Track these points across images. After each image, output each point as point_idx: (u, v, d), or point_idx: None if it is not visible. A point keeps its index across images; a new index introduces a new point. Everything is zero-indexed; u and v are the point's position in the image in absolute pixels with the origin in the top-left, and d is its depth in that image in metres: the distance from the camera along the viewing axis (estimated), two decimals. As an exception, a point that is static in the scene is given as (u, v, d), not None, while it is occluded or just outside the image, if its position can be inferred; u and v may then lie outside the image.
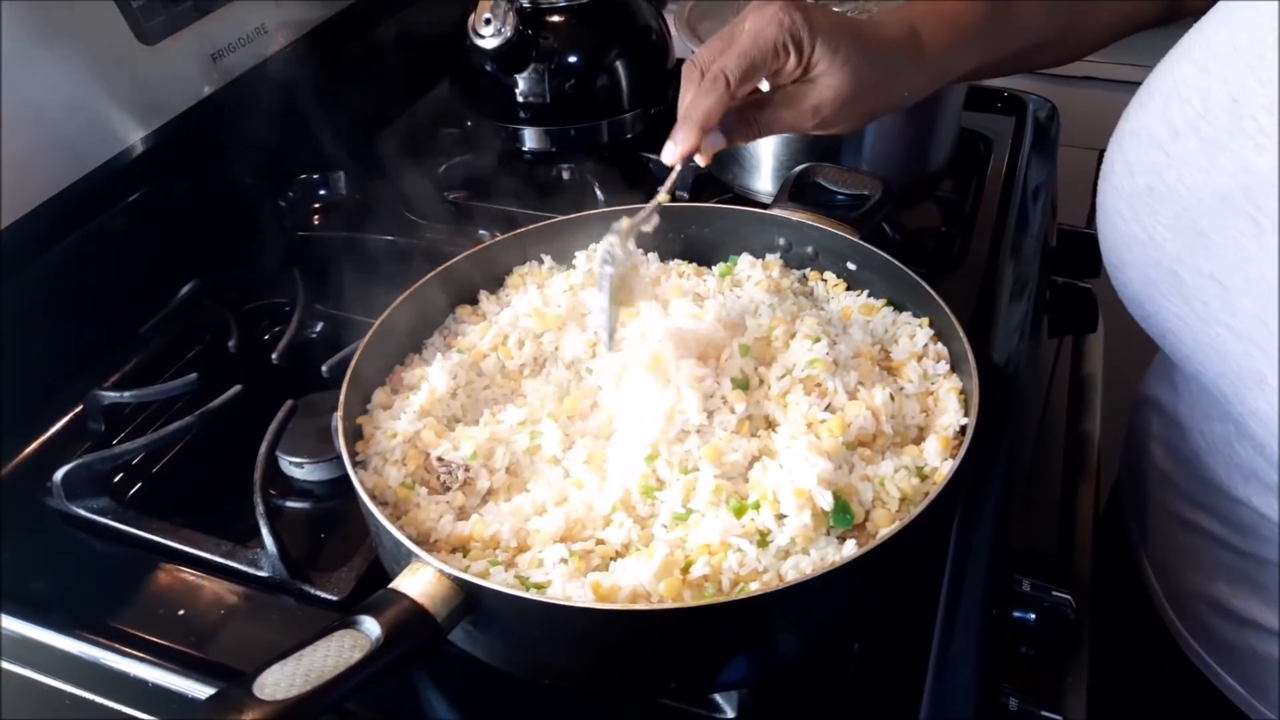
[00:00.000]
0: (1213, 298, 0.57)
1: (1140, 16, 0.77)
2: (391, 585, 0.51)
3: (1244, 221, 0.54)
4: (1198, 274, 0.57)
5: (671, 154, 0.64)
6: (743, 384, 0.62)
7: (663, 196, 0.66)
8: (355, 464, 0.60)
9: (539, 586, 0.52)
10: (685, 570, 0.53)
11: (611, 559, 0.55)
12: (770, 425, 0.62)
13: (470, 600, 0.50)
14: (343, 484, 0.72)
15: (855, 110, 0.66)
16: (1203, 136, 0.56)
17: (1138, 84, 1.48)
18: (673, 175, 0.66)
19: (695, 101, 0.63)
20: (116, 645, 0.61)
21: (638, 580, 0.51)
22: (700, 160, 0.65)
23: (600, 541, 0.56)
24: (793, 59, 0.63)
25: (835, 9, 0.85)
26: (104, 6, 0.79)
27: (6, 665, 0.63)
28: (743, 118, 0.66)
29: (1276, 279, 0.52)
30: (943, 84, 0.72)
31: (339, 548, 0.68)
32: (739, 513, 0.55)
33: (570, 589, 0.52)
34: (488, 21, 0.86)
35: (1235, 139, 0.54)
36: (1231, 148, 0.54)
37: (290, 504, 0.72)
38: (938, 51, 0.69)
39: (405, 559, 0.52)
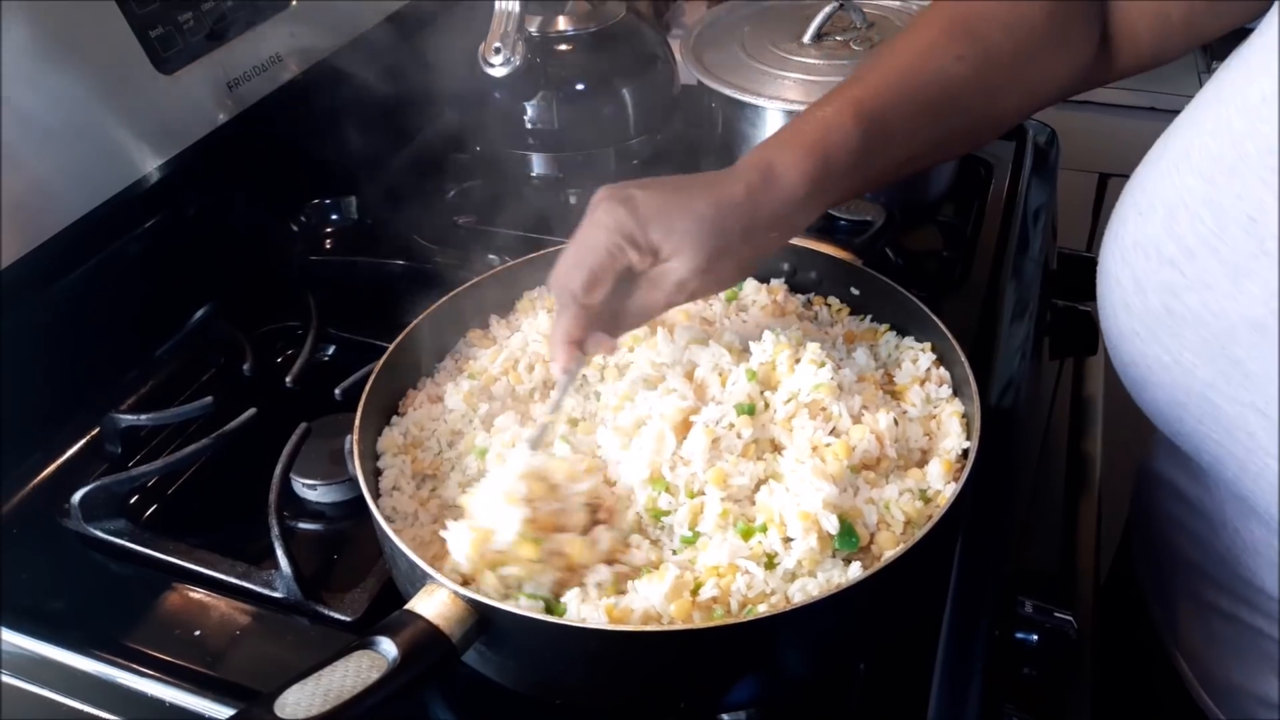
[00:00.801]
0: (1258, 429, 0.54)
1: (1050, 93, 0.70)
2: (407, 606, 0.52)
3: None
4: (1236, 403, 0.54)
5: (556, 371, 0.64)
6: (748, 409, 0.63)
7: (548, 416, 0.65)
8: (370, 487, 0.61)
9: (561, 609, 0.53)
10: (695, 592, 0.54)
11: (629, 579, 0.56)
12: (776, 449, 0.63)
13: (484, 621, 0.51)
14: (354, 506, 0.73)
15: (722, 271, 0.62)
16: (1222, 258, 0.53)
17: (1136, 108, 1.49)
18: (560, 389, 0.66)
19: (555, 323, 0.62)
20: (133, 665, 0.62)
21: (649, 602, 0.52)
22: (605, 355, 0.66)
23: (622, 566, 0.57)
24: (632, 254, 0.59)
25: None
26: (123, 37, 0.81)
27: (25, 685, 0.65)
28: (617, 313, 0.63)
29: None
30: (816, 215, 0.64)
31: (351, 569, 0.69)
32: (746, 535, 0.56)
33: (584, 611, 0.53)
34: (497, 50, 0.88)
35: (1259, 262, 0.51)
36: (1256, 271, 0.51)
37: (303, 525, 0.73)
38: (796, 186, 0.61)
39: (420, 581, 0.53)
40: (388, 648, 0.49)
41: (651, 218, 0.59)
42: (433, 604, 0.51)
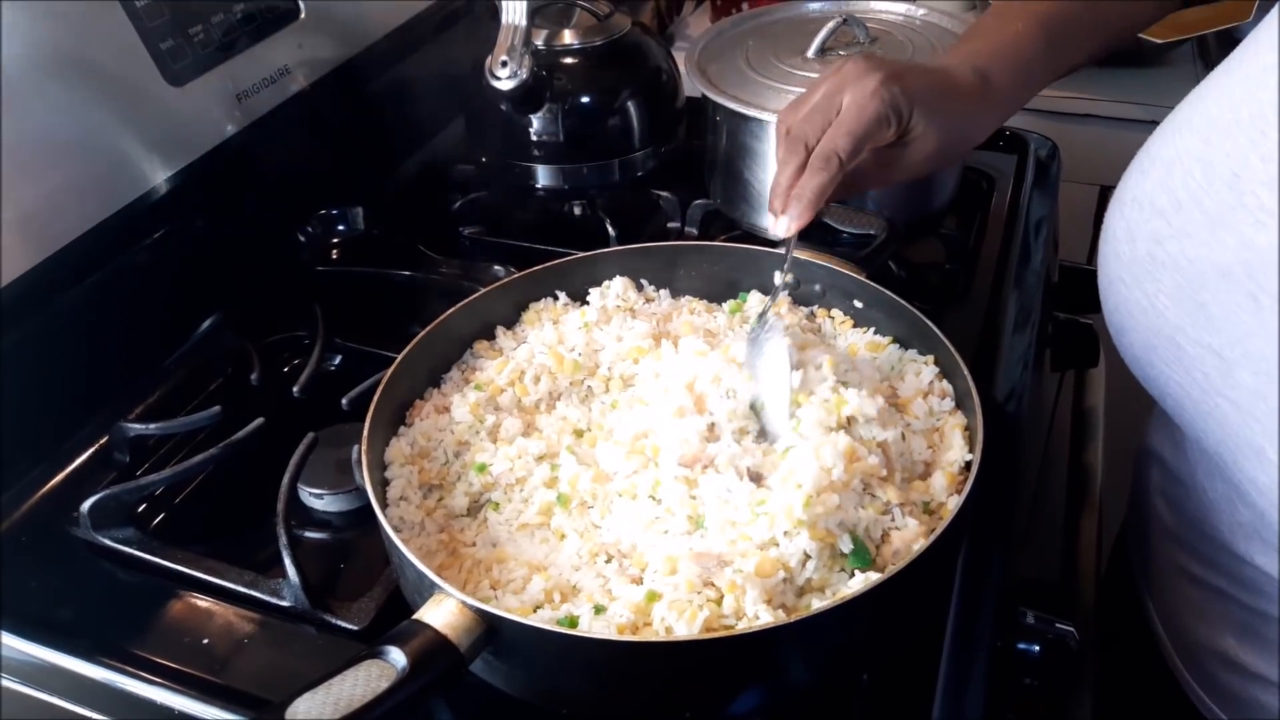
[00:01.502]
0: (1213, 369, 0.57)
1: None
2: (415, 616, 0.52)
3: (1244, 297, 0.54)
4: (1198, 345, 0.58)
5: (785, 228, 0.66)
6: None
7: (787, 277, 0.70)
8: (378, 497, 0.61)
9: (572, 622, 0.54)
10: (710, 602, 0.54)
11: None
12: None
13: (491, 631, 0.52)
14: (360, 515, 0.74)
15: (939, 161, 0.70)
16: (1204, 209, 0.57)
17: (1137, 121, 1.50)
18: (790, 249, 0.69)
19: (809, 180, 0.65)
20: (141, 673, 0.63)
21: (659, 614, 0.53)
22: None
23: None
24: (893, 129, 0.66)
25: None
26: (134, 49, 0.82)
27: (34, 692, 0.65)
28: (845, 181, 0.68)
29: (1275, 355, 0.53)
30: (1009, 117, 0.75)
31: (357, 578, 0.69)
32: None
33: (597, 625, 0.53)
34: (504, 64, 0.88)
35: (1236, 214, 0.55)
36: (1233, 223, 0.55)
37: (309, 534, 0.74)
38: (1004, 91, 0.72)
39: (428, 590, 0.54)
40: (397, 657, 0.49)
41: (919, 99, 0.66)
42: (441, 613, 0.52)
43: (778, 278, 0.72)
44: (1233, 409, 0.57)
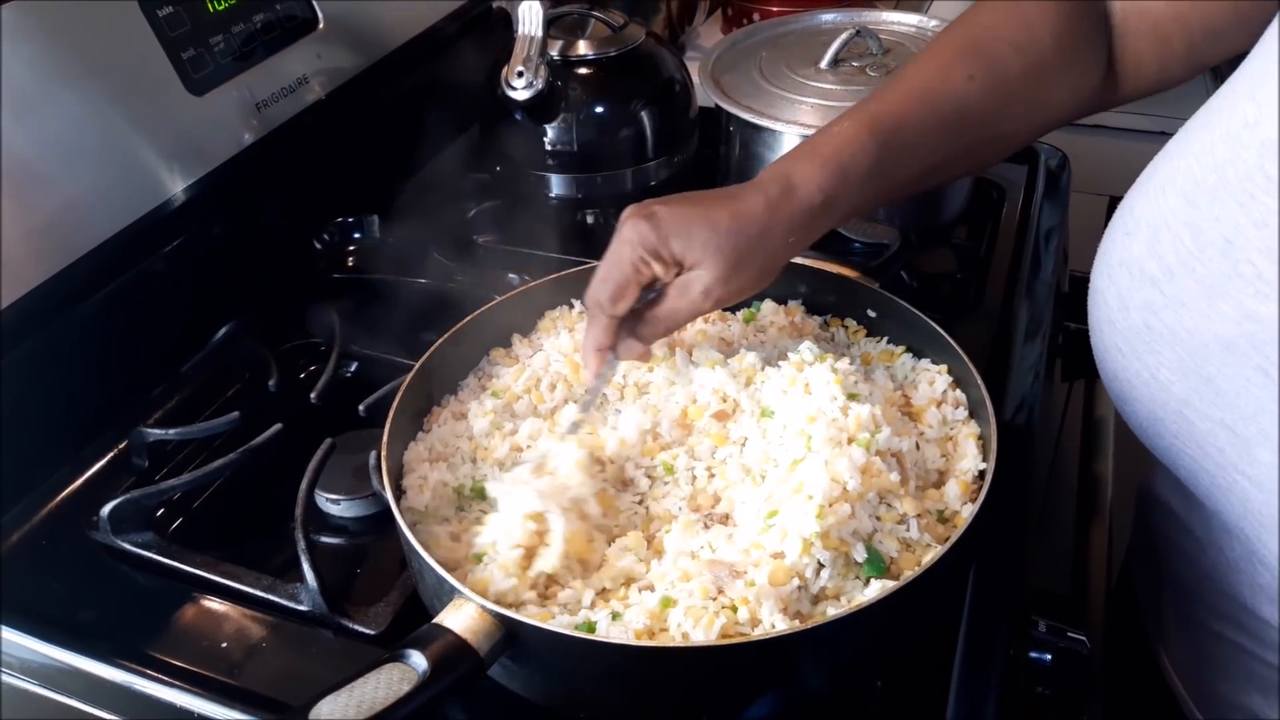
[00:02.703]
0: (1227, 445, 0.55)
1: (1061, 114, 0.72)
2: (435, 620, 0.53)
3: (1253, 371, 0.52)
4: (1208, 420, 0.56)
5: (588, 377, 0.69)
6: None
7: (579, 415, 0.69)
8: (397, 502, 0.62)
9: (590, 627, 0.54)
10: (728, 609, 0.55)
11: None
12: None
13: (510, 635, 0.53)
14: (377, 520, 0.75)
15: (744, 279, 0.65)
16: (1198, 278, 0.54)
17: (1146, 132, 1.50)
18: (591, 393, 0.70)
19: (586, 333, 0.67)
20: (160, 675, 0.63)
21: (675, 620, 0.53)
22: (639, 360, 0.70)
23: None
24: (657, 266, 0.64)
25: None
26: (156, 58, 0.83)
27: (54, 695, 0.66)
28: (646, 320, 0.67)
29: None
30: (831, 225, 0.67)
31: (374, 582, 0.70)
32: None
33: (614, 630, 0.54)
34: (520, 74, 0.90)
35: (1234, 283, 0.52)
36: (1230, 292, 0.52)
37: (325, 539, 0.74)
38: (812, 197, 0.64)
39: (448, 595, 0.54)
40: (418, 660, 0.50)
41: (673, 231, 0.63)
42: (461, 618, 0.52)
43: (574, 413, 0.70)
44: (1253, 487, 0.54)
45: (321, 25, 0.97)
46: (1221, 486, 0.57)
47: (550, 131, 0.98)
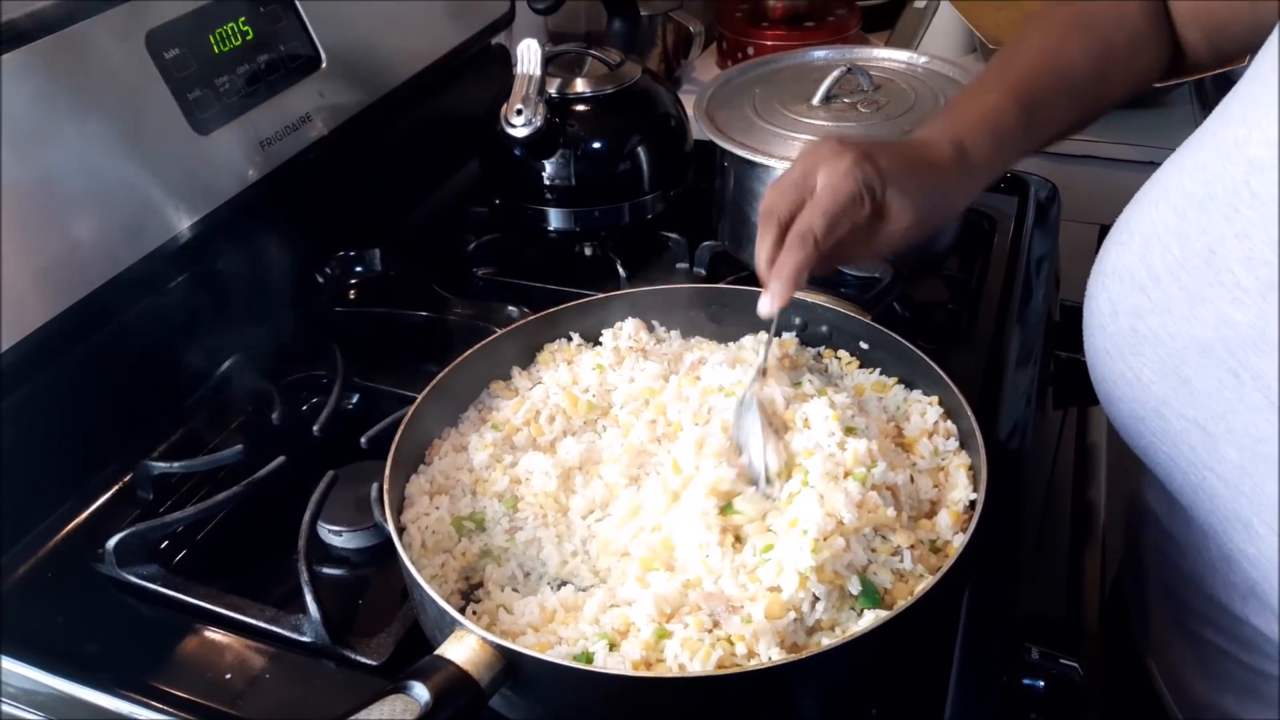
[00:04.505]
0: (1199, 443, 0.58)
1: (1145, 81, 0.80)
2: (437, 652, 0.54)
3: (1225, 374, 0.55)
4: (1183, 419, 0.59)
5: (767, 308, 0.66)
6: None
7: (773, 357, 0.71)
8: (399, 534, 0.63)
9: (588, 658, 0.55)
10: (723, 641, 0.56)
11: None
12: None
13: (511, 666, 0.54)
14: (378, 551, 0.75)
15: (918, 233, 0.70)
16: (1183, 285, 0.58)
17: (1135, 161, 1.52)
18: (772, 329, 0.70)
19: (785, 259, 0.65)
20: (165, 706, 0.64)
21: (672, 652, 0.54)
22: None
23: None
24: (868, 207, 0.66)
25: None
26: (163, 99, 0.85)
27: (61, 727, 0.67)
28: (826, 257, 0.68)
29: (1258, 432, 0.54)
30: (987, 186, 0.75)
31: (375, 614, 0.71)
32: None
33: (611, 661, 0.55)
34: (519, 111, 0.91)
35: (1214, 290, 0.56)
36: (1211, 299, 0.56)
37: (328, 570, 0.75)
38: (982, 161, 0.71)
39: (449, 627, 0.55)
40: (420, 691, 0.51)
41: (892, 179, 0.66)
42: (462, 649, 0.53)
43: (761, 353, 0.72)
44: (1220, 483, 0.58)
45: (324, 64, 0.99)
46: (1192, 483, 0.61)
47: (549, 167, 1.00)
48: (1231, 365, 0.55)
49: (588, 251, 1.08)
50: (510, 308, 0.94)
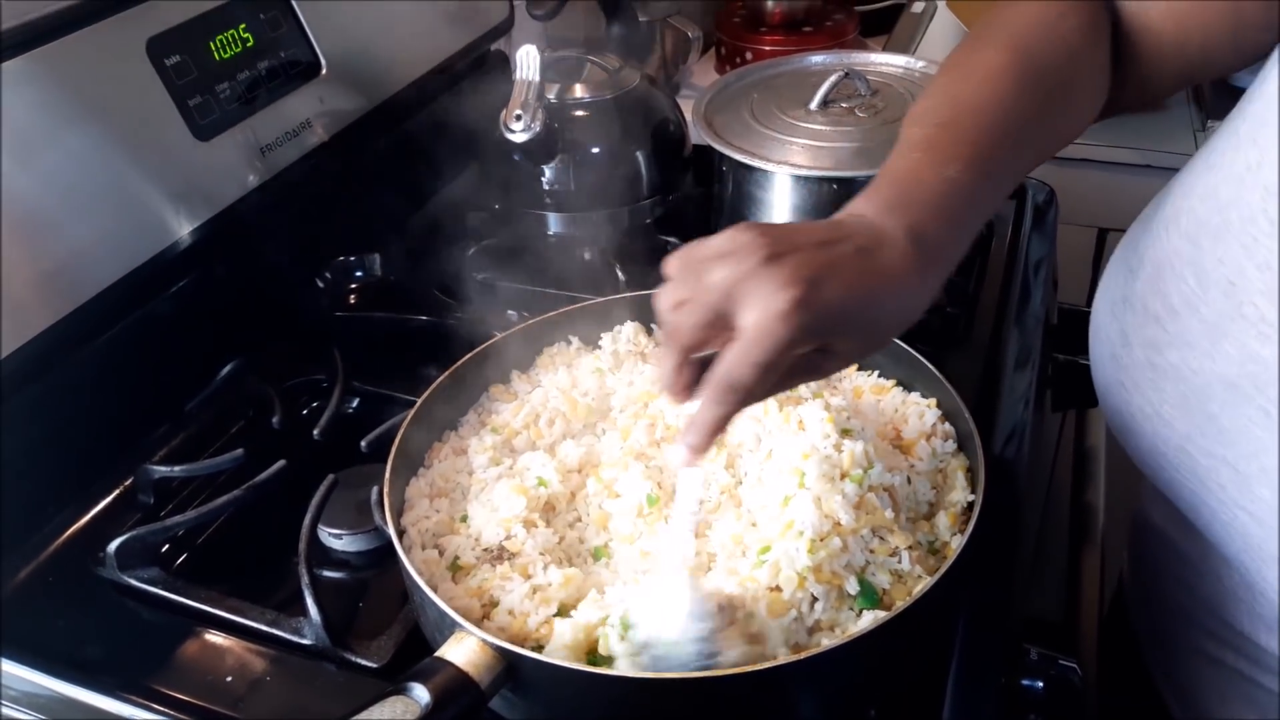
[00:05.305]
0: (1229, 482, 0.56)
1: (1099, 115, 0.70)
2: (437, 654, 0.54)
3: (1255, 411, 0.52)
4: (1211, 457, 0.56)
5: (684, 461, 0.54)
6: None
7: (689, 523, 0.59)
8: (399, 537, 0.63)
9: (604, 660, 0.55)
10: None
11: None
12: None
13: (511, 668, 0.54)
14: (378, 554, 0.76)
15: (870, 353, 0.62)
16: (1202, 318, 0.55)
17: (1133, 165, 1.53)
18: (690, 488, 0.59)
19: (706, 413, 0.52)
20: (166, 710, 0.64)
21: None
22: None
23: None
24: (808, 350, 0.51)
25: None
26: (164, 105, 0.85)
27: (62, 730, 0.67)
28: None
29: None
30: (939, 287, 0.58)
31: (375, 616, 0.71)
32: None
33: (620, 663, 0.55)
34: (518, 117, 0.92)
35: (1237, 325, 0.53)
36: (1234, 334, 0.53)
37: (328, 573, 0.75)
38: (942, 255, 0.56)
39: (449, 628, 0.56)
40: (420, 693, 0.51)
41: (843, 318, 0.51)
42: (462, 651, 0.54)
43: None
44: (1253, 522, 0.55)
45: (324, 70, 0.99)
46: (1222, 521, 0.58)
47: (548, 172, 1.00)
48: (1261, 403, 0.52)
49: (587, 256, 1.08)
50: (509, 312, 0.95)
